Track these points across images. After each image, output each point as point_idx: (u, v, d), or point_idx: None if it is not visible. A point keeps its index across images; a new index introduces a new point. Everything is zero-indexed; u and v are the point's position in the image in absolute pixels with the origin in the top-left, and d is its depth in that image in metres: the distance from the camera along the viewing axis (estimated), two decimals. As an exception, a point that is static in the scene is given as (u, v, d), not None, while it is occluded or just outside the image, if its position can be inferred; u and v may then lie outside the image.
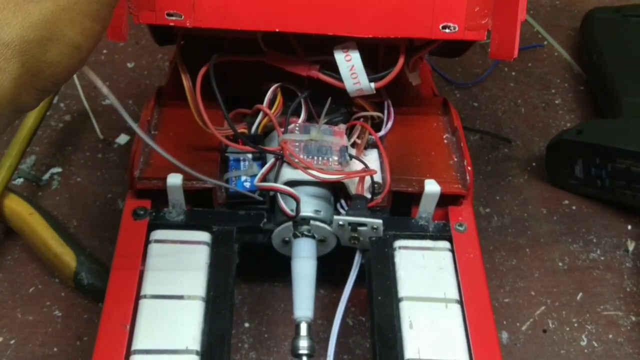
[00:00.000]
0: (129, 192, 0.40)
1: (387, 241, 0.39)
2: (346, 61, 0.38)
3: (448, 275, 0.38)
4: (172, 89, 0.44)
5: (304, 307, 0.36)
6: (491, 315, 0.36)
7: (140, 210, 0.39)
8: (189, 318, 0.35)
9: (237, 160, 0.40)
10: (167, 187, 0.38)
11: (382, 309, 0.37)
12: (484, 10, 0.36)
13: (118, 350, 0.33)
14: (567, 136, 0.50)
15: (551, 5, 0.69)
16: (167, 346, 0.34)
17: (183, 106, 0.40)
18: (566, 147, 0.50)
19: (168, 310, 0.35)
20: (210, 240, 0.39)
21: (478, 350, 0.35)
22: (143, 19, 0.36)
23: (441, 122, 0.44)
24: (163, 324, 0.35)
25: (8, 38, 0.24)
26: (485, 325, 0.36)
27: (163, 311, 0.35)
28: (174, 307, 0.35)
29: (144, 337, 0.34)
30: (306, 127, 0.41)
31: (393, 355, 0.35)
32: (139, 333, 0.34)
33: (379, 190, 0.40)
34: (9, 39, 0.24)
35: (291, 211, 0.38)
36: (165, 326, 0.35)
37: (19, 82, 0.25)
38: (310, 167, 0.38)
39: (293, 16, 0.36)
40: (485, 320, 0.36)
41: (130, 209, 0.39)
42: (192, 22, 0.36)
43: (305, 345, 0.34)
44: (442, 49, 0.46)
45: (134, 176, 0.39)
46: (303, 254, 0.38)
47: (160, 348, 0.34)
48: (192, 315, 0.35)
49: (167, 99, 0.44)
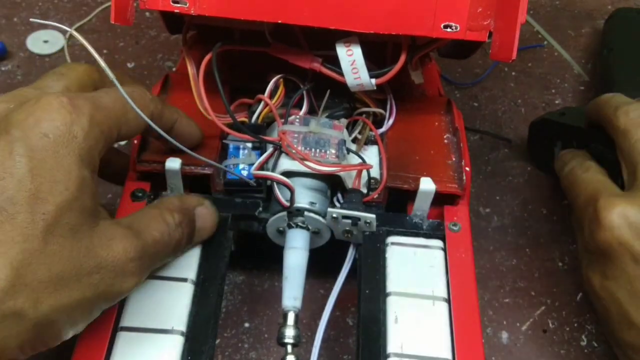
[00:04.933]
0: (130, 174, 0.41)
1: (380, 236, 0.40)
2: (348, 55, 0.38)
3: (438, 273, 0.38)
4: (180, 77, 0.45)
5: (293, 296, 0.36)
6: (477, 316, 0.36)
7: (139, 192, 0.40)
8: (177, 299, 0.36)
9: (236, 149, 0.40)
10: (166, 170, 0.39)
11: (369, 302, 0.37)
12: (487, 12, 0.36)
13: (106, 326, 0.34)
14: (549, 116, 0.50)
15: (551, 6, 0.69)
16: (154, 325, 0.35)
17: (188, 93, 0.41)
18: (547, 127, 0.50)
19: (157, 291, 0.36)
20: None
21: (461, 349, 0.35)
22: (149, 5, 0.37)
23: (443, 122, 0.44)
24: (151, 303, 0.35)
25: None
26: (471, 324, 0.36)
27: (152, 291, 0.36)
28: (163, 288, 0.36)
29: (131, 315, 0.35)
30: (306, 119, 0.41)
31: (375, 349, 0.35)
32: (126, 311, 0.35)
33: (376, 185, 0.40)
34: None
35: (286, 201, 0.39)
36: (153, 306, 0.35)
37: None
38: (308, 158, 0.38)
39: (296, 8, 0.36)
40: (471, 320, 0.36)
41: (130, 190, 0.40)
42: (197, 9, 0.36)
43: (291, 335, 0.35)
44: (449, 50, 0.46)
45: (134, 158, 0.40)
46: (296, 244, 0.39)
47: (147, 327, 0.34)
48: (181, 297, 0.36)
49: (174, 86, 0.45)
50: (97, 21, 0.65)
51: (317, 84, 0.42)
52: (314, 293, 0.45)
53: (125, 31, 0.63)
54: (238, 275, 0.47)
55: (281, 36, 0.41)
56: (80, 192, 0.29)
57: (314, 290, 0.45)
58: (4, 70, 0.60)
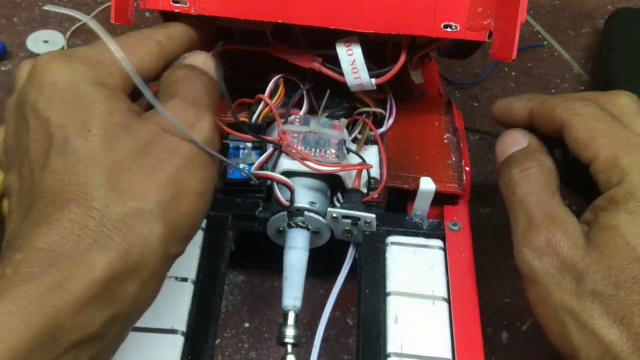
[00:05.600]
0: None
1: (380, 236, 0.40)
2: (348, 55, 0.38)
3: (438, 273, 0.38)
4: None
5: (293, 296, 0.36)
6: (477, 315, 0.36)
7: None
8: (177, 299, 0.36)
9: (236, 148, 0.40)
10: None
11: (369, 302, 0.37)
12: (487, 11, 0.36)
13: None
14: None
15: (551, 6, 0.69)
16: (154, 324, 0.35)
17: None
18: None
19: (157, 290, 0.36)
20: (205, 224, 0.40)
21: (461, 348, 0.35)
22: (149, 4, 0.37)
23: (443, 122, 0.44)
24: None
25: (150, 205, 0.27)
26: (471, 324, 0.36)
27: (152, 291, 0.36)
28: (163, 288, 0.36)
29: (131, 314, 0.35)
30: (306, 119, 0.41)
31: (375, 348, 0.35)
32: (127, 310, 0.35)
33: (375, 185, 0.40)
34: (151, 205, 0.27)
35: (286, 201, 0.39)
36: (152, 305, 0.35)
37: (165, 238, 0.27)
38: (307, 158, 0.38)
39: (296, 8, 0.36)
40: (471, 320, 0.36)
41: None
42: (197, 9, 0.36)
43: (291, 334, 0.35)
44: (449, 50, 0.46)
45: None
46: (296, 244, 0.39)
47: (147, 326, 0.34)
48: (181, 297, 0.36)
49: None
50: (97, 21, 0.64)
51: (317, 83, 0.42)
52: (314, 293, 0.45)
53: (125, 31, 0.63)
54: (238, 275, 0.47)
55: (281, 36, 0.41)
56: (111, 105, 0.29)
57: (314, 290, 0.45)
58: (4, 70, 0.60)
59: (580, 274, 0.30)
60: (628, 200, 0.30)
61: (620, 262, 0.29)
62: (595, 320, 0.29)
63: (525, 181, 0.34)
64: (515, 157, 0.35)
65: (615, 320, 0.29)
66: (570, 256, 0.31)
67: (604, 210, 0.31)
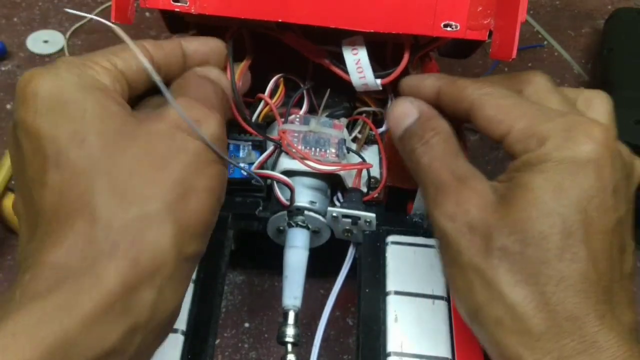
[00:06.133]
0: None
1: (380, 235, 0.40)
2: (353, 55, 0.38)
3: (438, 272, 0.38)
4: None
5: (293, 295, 0.37)
6: (478, 315, 0.36)
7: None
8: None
9: (236, 148, 0.40)
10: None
11: (369, 301, 0.37)
12: (487, 11, 0.36)
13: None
14: None
15: (551, 6, 0.69)
16: (154, 324, 0.35)
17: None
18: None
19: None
20: (205, 224, 0.39)
21: (461, 348, 0.35)
22: (150, 3, 0.37)
23: (443, 122, 0.44)
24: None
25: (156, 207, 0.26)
26: (471, 323, 0.36)
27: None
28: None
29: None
30: (306, 118, 0.41)
31: (376, 347, 0.35)
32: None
33: (376, 185, 0.40)
34: (157, 207, 0.26)
35: (287, 201, 0.39)
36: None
37: (177, 239, 0.27)
38: (308, 157, 0.38)
39: (296, 7, 0.36)
40: (471, 319, 0.36)
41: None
42: (197, 8, 0.36)
43: (291, 334, 0.35)
44: (449, 50, 0.46)
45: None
46: (296, 243, 0.39)
47: (147, 325, 0.34)
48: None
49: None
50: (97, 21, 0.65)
51: (317, 83, 0.42)
52: (314, 293, 0.45)
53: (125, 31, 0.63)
54: (238, 275, 0.47)
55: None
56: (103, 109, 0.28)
57: (314, 290, 0.45)
58: (4, 70, 0.60)
59: (489, 231, 0.29)
60: (543, 161, 0.29)
61: (529, 216, 0.28)
62: (501, 278, 0.28)
63: (428, 152, 0.33)
64: (412, 130, 0.34)
65: (521, 279, 0.28)
66: (481, 213, 0.29)
67: (519, 172, 0.30)
